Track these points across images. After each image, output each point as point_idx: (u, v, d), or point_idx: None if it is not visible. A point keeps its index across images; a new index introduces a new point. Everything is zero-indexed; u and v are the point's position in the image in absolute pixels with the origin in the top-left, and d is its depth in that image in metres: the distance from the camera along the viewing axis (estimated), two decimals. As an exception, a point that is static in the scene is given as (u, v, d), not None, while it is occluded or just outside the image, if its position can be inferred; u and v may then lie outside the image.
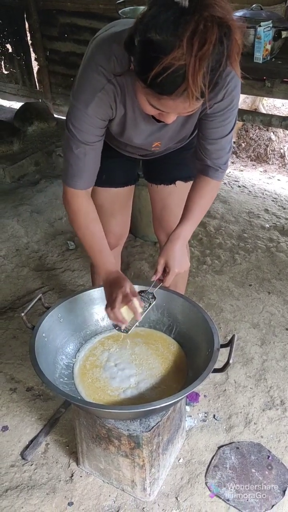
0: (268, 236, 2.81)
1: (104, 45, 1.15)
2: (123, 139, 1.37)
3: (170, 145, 1.46)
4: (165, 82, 0.89)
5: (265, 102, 3.96)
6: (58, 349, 1.46)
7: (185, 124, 1.32)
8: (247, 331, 2.14)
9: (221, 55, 0.88)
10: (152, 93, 0.95)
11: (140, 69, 0.93)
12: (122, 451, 1.36)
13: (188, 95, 0.90)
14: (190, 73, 0.86)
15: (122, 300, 1.26)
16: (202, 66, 0.85)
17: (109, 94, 1.17)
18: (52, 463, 1.61)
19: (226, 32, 0.86)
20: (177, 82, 0.88)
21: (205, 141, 1.33)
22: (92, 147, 1.26)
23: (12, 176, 3.53)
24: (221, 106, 1.22)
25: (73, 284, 2.47)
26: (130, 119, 1.26)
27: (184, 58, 0.84)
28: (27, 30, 4.35)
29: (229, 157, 1.40)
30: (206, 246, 2.74)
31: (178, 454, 1.62)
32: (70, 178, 1.30)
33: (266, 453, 1.62)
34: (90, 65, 1.16)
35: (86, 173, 1.30)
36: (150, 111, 1.07)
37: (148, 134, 1.33)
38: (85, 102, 1.17)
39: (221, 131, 1.30)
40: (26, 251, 2.76)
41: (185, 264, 1.41)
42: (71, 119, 1.21)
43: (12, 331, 2.17)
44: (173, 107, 0.98)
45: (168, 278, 1.37)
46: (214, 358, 1.27)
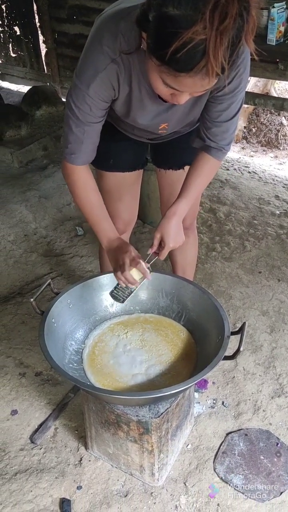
0: (278, 223, 2.78)
1: (110, 22, 1.11)
2: (128, 119, 1.34)
3: (178, 128, 1.43)
4: (185, 58, 0.86)
5: (276, 86, 3.89)
6: (68, 334, 1.46)
7: (194, 106, 1.29)
8: (256, 319, 2.12)
9: (240, 30, 0.85)
10: (169, 71, 0.92)
11: (157, 46, 0.90)
12: (131, 437, 1.37)
13: (207, 71, 0.87)
14: (211, 48, 0.83)
15: (130, 263, 1.31)
16: (224, 41, 0.83)
17: (112, 74, 1.15)
18: (61, 447, 1.62)
19: (245, 6, 0.84)
20: (197, 58, 0.86)
21: (211, 123, 1.31)
22: (92, 127, 1.25)
23: (20, 161, 3.51)
24: (230, 88, 1.20)
25: (81, 270, 2.46)
26: (136, 98, 1.23)
27: (205, 33, 0.82)
28: (35, 12, 4.29)
29: (233, 138, 1.39)
30: (216, 233, 2.72)
31: (186, 440, 1.62)
32: (68, 154, 1.30)
33: (275, 440, 1.61)
34: (94, 44, 1.13)
35: (84, 151, 1.30)
36: (162, 91, 1.04)
37: (155, 115, 1.30)
38: (86, 82, 1.15)
39: (227, 114, 1.28)
40: (34, 236, 2.75)
41: (180, 239, 1.42)
42: (73, 98, 1.20)
43: (21, 316, 2.17)
44: (190, 85, 0.95)
45: (163, 252, 1.39)
46: (224, 346, 1.26)
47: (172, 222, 1.38)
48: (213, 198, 3.04)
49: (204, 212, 2.90)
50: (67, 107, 1.23)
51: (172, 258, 1.96)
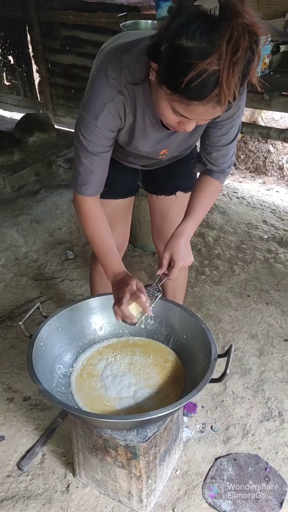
0: (266, 247, 2.82)
1: (114, 56, 1.17)
2: (130, 148, 1.38)
3: (177, 153, 1.48)
4: (199, 87, 0.91)
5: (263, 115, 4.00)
6: (56, 358, 1.46)
7: (193, 133, 1.33)
8: (245, 342, 2.14)
9: (250, 61, 0.91)
10: (181, 99, 0.97)
11: (170, 75, 0.95)
12: (119, 462, 1.36)
13: (219, 100, 0.92)
14: (225, 78, 0.88)
15: (130, 298, 1.28)
16: (236, 72, 0.88)
17: (119, 105, 1.19)
18: (49, 473, 1.60)
19: (255, 40, 0.89)
20: (210, 87, 0.91)
21: (211, 147, 1.36)
22: (101, 157, 1.28)
23: (12, 185, 3.55)
24: (229, 114, 1.25)
25: (71, 294, 2.47)
26: (139, 127, 1.27)
27: (218, 64, 0.87)
28: (29, 42, 4.40)
29: (233, 160, 1.44)
30: (205, 257, 2.75)
31: (175, 465, 1.61)
32: (79, 186, 1.33)
33: (264, 464, 1.61)
34: (100, 76, 1.17)
35: (94, 182, 1.33)
36: (170, 119, 1.07)
37: (156, 142, 1.35)
38: (94, 113, 1.19)
39: (227, 138, 1.33)
40: (25, 260, 2.76)
41: (189, 258, 1.43)
42: (81, 130, 1.23)
43: (10, 340, 2.17)
44: (201, 112, 0.99)
45: (173, 271, 1.39)
46: (211, 368, 1.27)
47: (181, 241, 1.40)
48: (202, 223, 3.08)
49: (193, 236, 2.92)
50: (76, 139, 1.26)
51: None
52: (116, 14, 3.15)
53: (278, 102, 2.60)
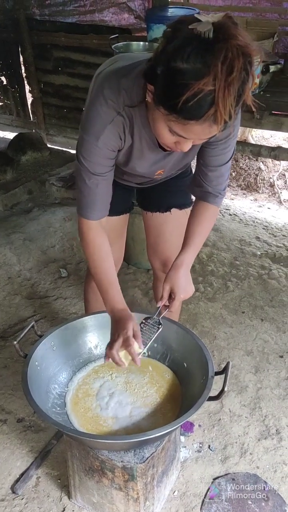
0: (260, 264, 2.83)
1: (112, 79, 1.18)
2: (126, 168, 1.39)
3: (172, 172, 1.50)
4: (195, 107, 0.92)
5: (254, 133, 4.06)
6: (51, 378, 1.44)
7: (188, 153, 1.34)
8: (241, 359, 2.13)
9: (245, 82, 0.93)
10: (178, 119, 0.98)
11: (167, 97, 0.96)
12: (115, 484, 1.33)
13: (216, 119, 0.94)
14: (220, 98, 0.90)
15: (122, 343, 1.25)
16: (231, 92, 0.90)
17: (119, 125, 1.20)
18: (44, 497, 1.56)
19: (249, 61, 0.92)
20: (206, 107, 0.92)
21: (206, 168, 1.37)
22: (104, 177, 1.28)
23: (5, 204, 3.55)
24: (223, 135, 1.26)
25: (65, 312, 2.45)
26: (137, 149, 1.29)
27: (214, 84, 0.89)
28: (21, 63, 4.46)
29: (228, 183, 1.45)
30: (199, 273, 2.75)
31: (173, 487, 1.58)
32: (84, 209, 1.32)
33: (263, 484, 1.58)
34: (98, 99, 1.18)
35: (99, 204, 1.32)
36: (167, 140, 1.09)
37: (152, 163, 1.36)
38: (95, 134, 1.20)
39: (221, 159, 1.34)
40: (18, 279, 2.75)
41: (190, 290, 1.42)
42: (82, 152, 1.23)
43: (3, 360, 2.14)
44: (198, 132, 1.00)
45: (174, 303, 1.39)
46: (208, 386, 1.26)
47: (180, 273, 1.39)
48: (195, 240, 3.09)
49: (187, 253, 2.94)
50: (77, 162, 1.26)
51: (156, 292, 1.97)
52: (107, 36, 3.20)
53: (268, 121, 2.64)
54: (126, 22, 3.63)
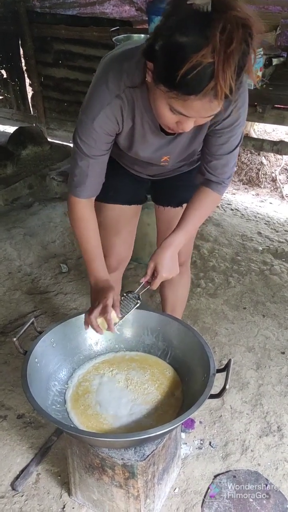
0: (261, 259, 2.81)
1: (115, 62, 1.19)
2: (131, 153, 1.39)
3: (179, 159, 1.47)
4: (194, 81, 0.91)
5: (256, 127, 4.02)
6: (51, 374, 1.42)
7: (194, 139, 1.33)
8: (242, 355, 2.11)
9: (246, 54, 0.92)
10: (178, 96, 0.97)
11: (166, 72, 0.95)
12: (116, 481, 1.32)
13: (216, 93, 0.92)
14: (220, 70, 0.88)
15: (100, 311, 1.31)
16: (231, 63, 0.89)
17: (116, 108, 1.20)
18: (44, 494, 1.55)
19: (249, 32, 0.90)
20: (206, 80, 0.91)
21: (211, 156, 1.35)
22: (96, 160, 1.29)
23: (5, 199, 3.53)
24: (228, 122, 1.25)
25: (65, 308, 2.43)
26: (138, 132, 1.28)
27: (213, 56, 0.87)
28: (21, 56, 4.42)
29: (233, 172, 1.43)
30: (200, 269, 2.73)
31: (173, 484, 1.57)
32: (73, 187, 1.34)
33: (264, 481, 1.57)
34: (100, 81, 1.19)
35: (88, 184, 1.33)
36: (169, 119, 1.07)
37: (157, 148, 1.35)
38: (92, 116, 1.21)
39: (227, 147, 1.32)
40: (18, 274, 2.73)
41: (174, 270, 1.42)
42: (78, 132, 1.25)
43: (3, 356, 2.12)
44: (199, 108, 0.99)
45: (155, 281, 1.39)
46: (210, 384, 1.25)
47: (167, 253, 1.39)
48: (196, 235, 3.07)
49: (188, 248, 2.93)
50: (73, 142, 1.29)
51: (163, 295, 1.97)
52: (108, 28, 3.16)
53: (271, 115, 2.61)
54: (127, 14, 3.58)
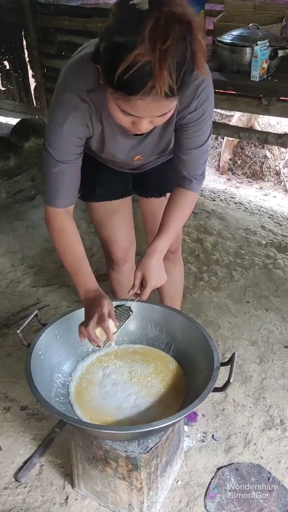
0: (265, 253, 2.80)
1: (77, 66, 1.17)
2: (104, 155, 1.37)
3: (152, 157, 1.47)
4: (132, 80, 0.90)
5: (260, 120, 4.00)
6: (55, 367, 1.42)
7: (162, 136, 1.33)
8: (245, 349, 2.11)
9: (185, 51, 0.90)
10: (122, 96, 0.96)
11: (108, 73, 0.94)
12: (119, 473, 1.32)
13: (156, 92, 0.90)
14: (156, 68, 0.87)
15: (97, 320, 1.24)
16: (167, 60, 0.87)
17: (84, 113, 1.18)
18: (47, 485, 1.56)
19: (187, 28, 0.88)
20: (144, 80, 0.89)
21: (180, 151, 1.35)
22: (70, 165, 1.26)
23: (8, 191, 3.52)
24: (194, 117, 1.25)
25: (69, 300, 2.43)
26: (109, 135, 1.27)
27: (149, 54, 0.86)
28: (24, 47, 4.39)
29: (205, 168, 1.41)
30: (203, 263, 2.73)
31: (176, 476, 1.58)
32: (49, 198, 1.30)
33: (267, 474, 1.58)
34: (63, 86, 1.17)
35: (65, 192, 1.30)
36: (123, 121, 1.06)
37: (129, 149, 1.34)
38: (60, 122, 1.18)
39: (195, 142, 1.31)
40: (21, 266, 2.73)
41: (162, 278, 1.39)
42: (48, 139, 1.22)
43: (7, 348, 2.13)
44: (144, 108, 0.98)
45: (145, 292, 1.36)
46: (214, 377, 1.24)
47: (153, 260, 1.36)
48: (200, 228, 3.07)
49: (191, 242, 2.92)
50: (44, 151, 1.25)
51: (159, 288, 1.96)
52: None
53: (276, 107, 2.59)
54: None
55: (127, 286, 1.85)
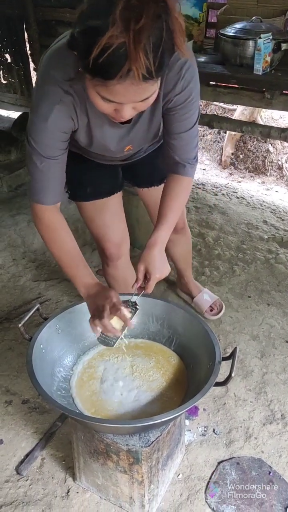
0: (267, 248, 2.79)
1: (56, 56, 1.13)
2: (93, 148, 1.34)
3: (142, 146, 1.45)
4: (108, 64, 0.87)
5: (263, 114, 3.98)
6: (56, 361, 1.43)
7: (151, 123, 1.30)
8: (246, 343, 2.11)
9: (161, 30, 0.87)
10: (100, 83, 0.93)
11: (83, 59, 0.91)
12: (120, 467, 1.33)
13: (134, 75, 0.88)
14: (131, 49, 0.84)
15: (110, 311, 1.22)
16: (141, 41, 0.84)
17: (68, 105, 1.15)
18: (48, 478, 1.57)
19: (163, 6, 0.86)
20: (120, 62, 0.86)
21: (170, 136, 1.33)
22: (56, 160, 1.23)
23: (9, 185, 3.51)
24: (180, 99, 1.22)
25: (70, 295, 2.43)
26: (95, 126, 1.24)
27: (123, 36, 0.83)
28: (26, 40, 4.36)
29: (197, 152, 1.38)
30: (205, 257, 2.72)
31: (177, 470, 1.58)
32: (37, 195, 1.27)
33: (267, 468, 1.58)
34: (44, 78, 1.14)
35: (53, 188, 1.27)
36: (104, 108, 1.03)
37: (118, 140, 1.31)
38: (43, 115, 1.15)
39: (184, 125, 1.29)
40: (23, 261, 2.73)
41: (165, 269, 1.35)
42: (32, 134, 1.19)
43: (8, 342, 2.13)
44: (123, 93, 0.95)
45: (149, 285, 1.32)
46: (215, 372, 1.24)
47: (154, 252, 1.33)
48: (202, 223, 3.06)
49: (193, 236, 2.91)
50: (28, 145, 1.22)
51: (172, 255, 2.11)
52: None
53: (279, 101, 2.58)
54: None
55: (123, 280, 1.85)
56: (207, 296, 2.27)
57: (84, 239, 2.85)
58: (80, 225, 2.95)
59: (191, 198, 3.36)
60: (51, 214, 1.30)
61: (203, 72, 2.38)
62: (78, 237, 2.91)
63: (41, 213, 1.30)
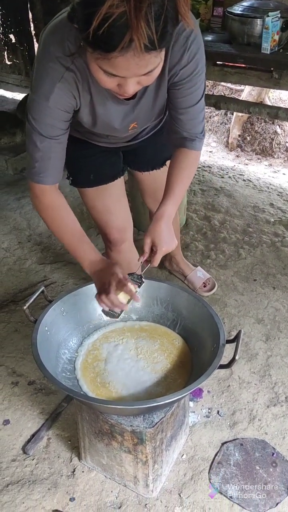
0: (273, 231, 2.77)
1: (55, 32, 1.10)
2: (97, 128, 1.32)
3: (147, 123, 1.41)
4: (109, 35, 0.84)
5: (271, 95, 3.91)
6: (61, 343, 1.44)
7: (156, 98, 1.27)
8: (251, 327, 2.11)
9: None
10: (101, 56, 0.90)
11: (83, 31, 0.87)
12: (125, 447, 1.35)
13: (136, 45, 0.85)
14: (132, 18, 0.81)
15: (116, 287, 1.23)
16: (142, 9, 0.81)
17: (70, 82, 1.12)
18: (54, 457, 1.59)
19: None
20: (121, 33, 0.83)
21: (176, 111, 1.30)
22: (57, 140, 1.21)
23: (15, 168, 3.50)
24: (187, 72, 1.19)
25: (75, 278, 2.44)
26: (99, 103, 1.21)
27: (123, 5, 0.80)
28: (30, 20, 4.30)
29: (204, 125, 1.36)
30: (211, 240, 2.71)
31: (181, 450, 1.60)
32: (37, 175, 1.25)
33: (271, 450, 1.59)
34: (44, 55, 1.11)
35: (53, 168, 1.25)
36: (107, 83, 1.01)
37: (123, 117, 1.28)
38: (44, 94, 1.12)
39: (190, 99, 1.26)
40: (28, 243, 2.73)
41: (172, 242, 1.33)
42: (32, 113, 1.16)
43: (14, 324, 2.15)
44: (126, 66, 0.92)
45: (156, 257, 1.31)
46: (219, 354, 1.25)
47: (161, 225, 1.31)
48: (207, 206, 3.04)
49: (199, 219, 2.90)
50: (28, 125, 1.19)
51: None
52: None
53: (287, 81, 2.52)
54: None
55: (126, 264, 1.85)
56: (200, 273, 2.33)
57: (90, 222, 2.84)
58: (85, 209, 2.94)
59: (196, 181, 3.33)
60: (52, 194, 1.29)
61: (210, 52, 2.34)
62: (84, 220, 2.91)
63: (42, 193, 1.28)
